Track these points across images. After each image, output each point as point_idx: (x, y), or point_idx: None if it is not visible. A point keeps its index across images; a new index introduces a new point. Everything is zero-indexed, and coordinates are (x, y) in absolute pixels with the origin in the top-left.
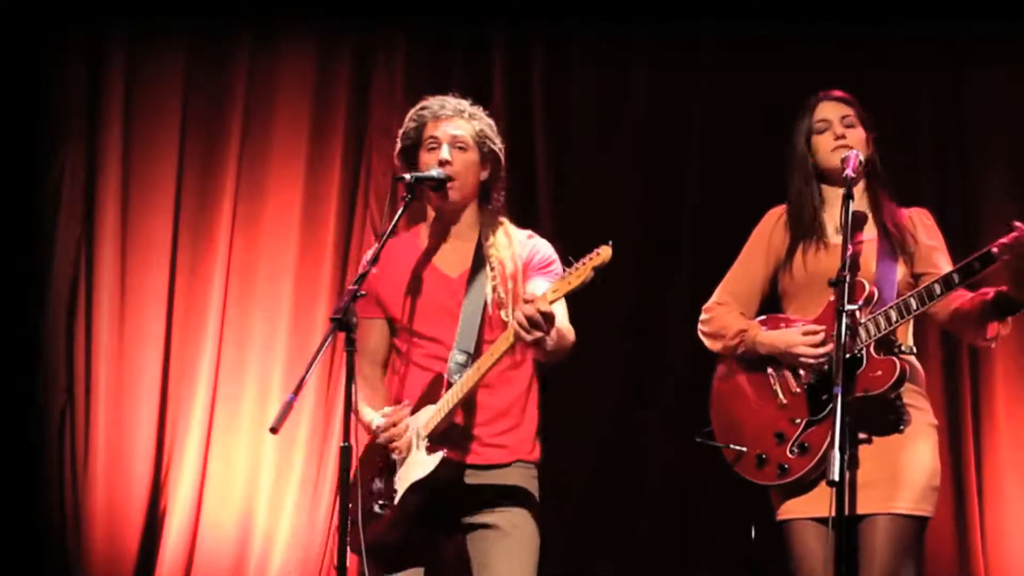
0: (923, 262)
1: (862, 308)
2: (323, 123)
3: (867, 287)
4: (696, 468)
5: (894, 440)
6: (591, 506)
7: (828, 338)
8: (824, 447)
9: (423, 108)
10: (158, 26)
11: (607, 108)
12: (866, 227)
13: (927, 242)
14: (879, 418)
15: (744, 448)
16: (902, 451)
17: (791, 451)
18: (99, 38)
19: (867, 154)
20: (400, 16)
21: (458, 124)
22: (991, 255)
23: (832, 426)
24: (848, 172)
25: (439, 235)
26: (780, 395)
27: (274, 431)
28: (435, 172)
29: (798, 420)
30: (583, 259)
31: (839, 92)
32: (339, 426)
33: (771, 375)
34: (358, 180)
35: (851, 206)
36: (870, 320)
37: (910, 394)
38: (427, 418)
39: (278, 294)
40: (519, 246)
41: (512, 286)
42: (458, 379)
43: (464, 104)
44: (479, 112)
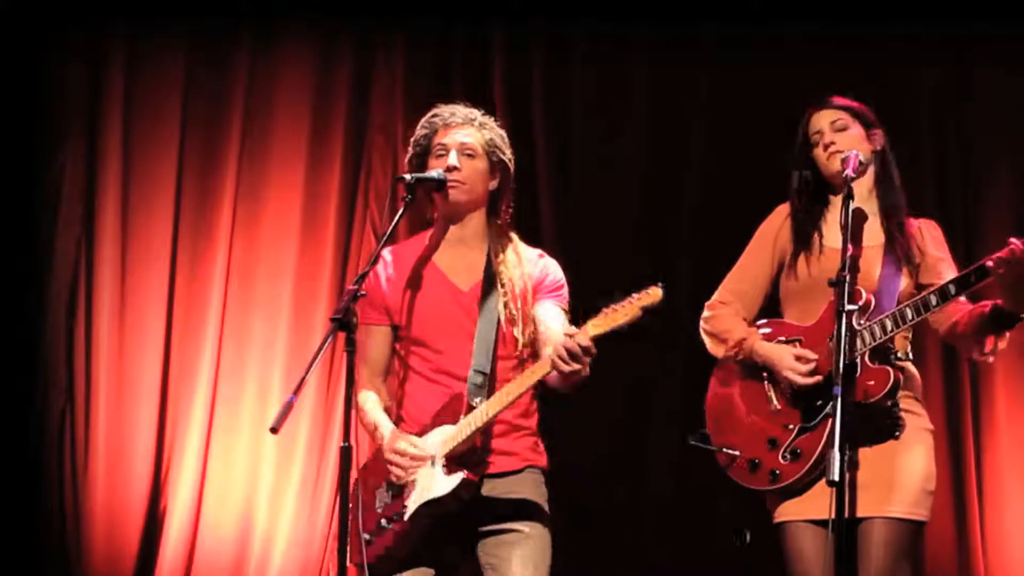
0: (928, 273)
1: (859, 316)
2: (323, 123)
3: (864, 295)
4: (697, 470)
5: (889, 445)
6: (591, 506)
7: (819, 368)
8: (816, 454)
9: (434, 116)
10: (158, 26)
11: (607, 108)
12: (872, 232)
13: (934, 253)
14: (874, 424)
15: (738, 452)
16: (897, 456)
17: (783, 457)
18: (99, 38)
19: (870, 150)
20: (400, 16)
21: (468, 132)
22: (986, 269)
23: (832, 426)
24: (848, 172)
25: (447, 243)
26: (774, 401)
27: (274, 431)
28: (435, 173)
29: (791, 426)
30: (632, 296)
31: (832, 97)
32: (339, 426)
33: (766, 381)
34: (358, 180)
35: (851, 206)
36: (866, 328)
37: (906, 400)
38: (444, 438)
39: (278, 294)
40: (529, 264)
41: (522, 306)
42: (479, 401)
43: (475, 113)
44: (490, 121)
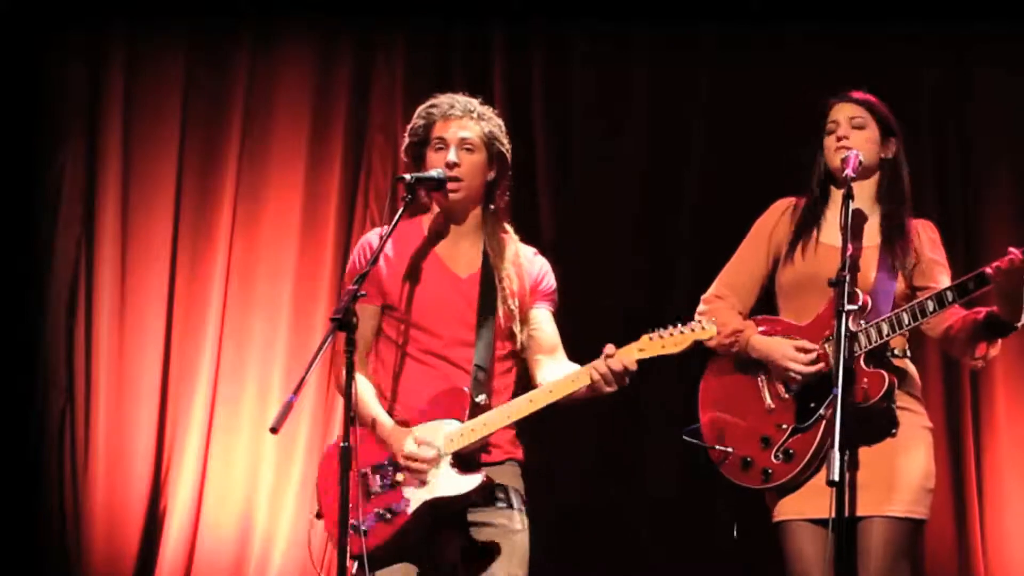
0: (923, 276)
1: (856, 317)
2: (323, 123)
3: (861, 296)
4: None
5: (888, 444)
6: (591, 507)
7: (820, 358)
8: (808, 455)
9: (432, 106)
10: (158, 26)
11: (607, 108)
12: (870, 232)
13: (930, 256)
14: (871, 425)
15: (730, 449)
16: (896, 455)
17: (775, 457)
18: (99, 38)
19: (879, 155)
20: (400, 16)
21: (467, 125)
22: (985, 277)
23: (825, 429)
24: (848, 172)
25: (444, 231)
26: (768, 399)
27: (274, 431)
28: (435, 173)
29: (784, 426)
30: (686, 326)
31: (857, 93)
32: (339, 426)
33: (760, 379)
34: (358, 180)
35: (851, 206)
36: (861, 331)
37: (904, 398)
38: (449, 433)
39: (278, 294)
40: (527, 262)
41: (520, 304)
42: (483, 399)
43: (474, 104)
44: (488, 112)
